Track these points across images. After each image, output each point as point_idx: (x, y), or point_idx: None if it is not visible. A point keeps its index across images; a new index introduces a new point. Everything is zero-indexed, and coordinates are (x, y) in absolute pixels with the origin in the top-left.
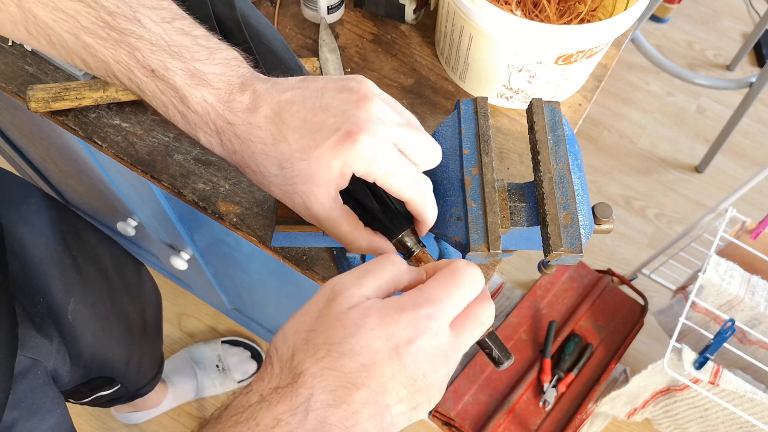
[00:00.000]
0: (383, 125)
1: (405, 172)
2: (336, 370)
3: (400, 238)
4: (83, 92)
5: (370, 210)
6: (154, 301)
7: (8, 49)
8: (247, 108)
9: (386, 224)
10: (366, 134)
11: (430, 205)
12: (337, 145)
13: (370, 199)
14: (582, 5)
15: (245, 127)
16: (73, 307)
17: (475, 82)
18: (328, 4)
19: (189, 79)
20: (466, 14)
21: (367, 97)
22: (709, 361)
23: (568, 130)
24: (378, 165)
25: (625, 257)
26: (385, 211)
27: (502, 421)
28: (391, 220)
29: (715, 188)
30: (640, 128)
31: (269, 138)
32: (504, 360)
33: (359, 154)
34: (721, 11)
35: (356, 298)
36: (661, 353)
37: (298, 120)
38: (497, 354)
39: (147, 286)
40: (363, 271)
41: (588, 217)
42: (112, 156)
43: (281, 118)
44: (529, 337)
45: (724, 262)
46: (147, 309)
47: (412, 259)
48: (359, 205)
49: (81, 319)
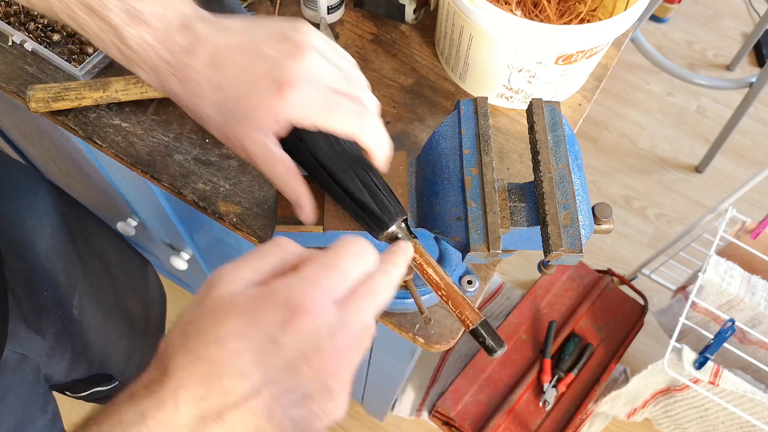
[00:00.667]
0: (316, 77)
1: (341, 110)
2: (207, 360)
3: (391, 231)
4: (83, 92)
5: (360, 201)
6: (159, 300)
7: (8, 49)
8: (185, 50)
9: (376, 215)
10: (295, 88)
11: (377, 137)
12: (270, 97)
13: (360, 190)
14: (582, 5)
15: (183, 69)
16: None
17: (475, 82)
18: (328, 4)
19: (127, 18)
20: (466, 14)
21: (303, 49)
22: (709, 361)
23: (568, 130)
24: (311, 113)
25: (625, 257)
26: (377, 203)
27: (502, 421)
28: (382, 211)
29: (715, 188)
30: (640, 128)
31: (206, 82)
32: (497, 348)
33: (290, 105)
34: (721, 11)
35: (233, 283)
36: (661, 353)
37: (234, 68)
38: (490, 342)
39: (152, 283)
40: (246, 256)
41: (588, 217)
42: (112, 156)
43: (218, 65)
44: (529, 337)
45: (724, 262)
46: (150, 307)
47: None
48: (348, 196)
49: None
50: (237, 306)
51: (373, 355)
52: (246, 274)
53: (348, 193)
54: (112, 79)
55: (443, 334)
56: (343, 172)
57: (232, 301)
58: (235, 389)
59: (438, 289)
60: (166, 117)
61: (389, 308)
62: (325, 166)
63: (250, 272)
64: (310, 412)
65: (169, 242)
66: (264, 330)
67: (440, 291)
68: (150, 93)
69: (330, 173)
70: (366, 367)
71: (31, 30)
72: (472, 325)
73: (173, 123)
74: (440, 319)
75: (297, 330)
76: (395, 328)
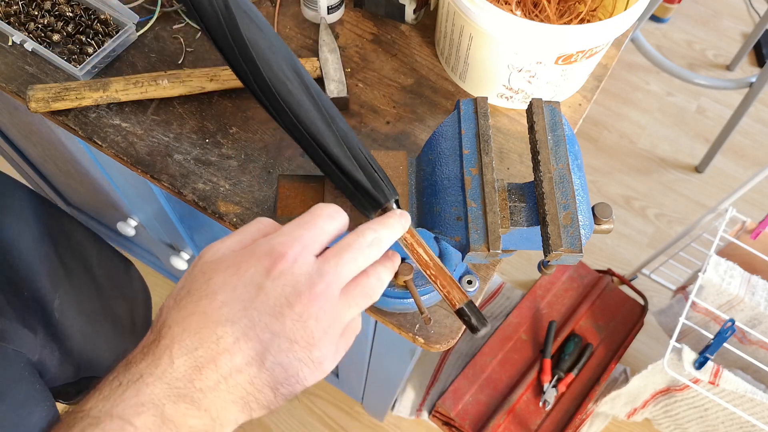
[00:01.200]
0: None
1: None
2: (198, 313)
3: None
4: (83, 92)
5: (356, 181)
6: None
7: (8, 49)
8: None
9: (371, 194)
10: None
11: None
12: None
13: (357, 170)
14: (582, 5)
15: None
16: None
17: (475, 82)
18: (328, 4)
19: None
20: (466, 14)
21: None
22: (709, 361)
23: (568, 130)
24: None
25: (625, 257)
26: (371, 183)
27: (502, 421)
28: (376, 190)
29: (715, 188)
30: (640, 128)
31: None
32: (480, 327)
33: None
34: (721, 11)
35: (220, 251)
36: (661, 353)
37: None
38: (475, 322)
39: (136, 284)
40: (230, 233)
41: (588, 217)
42: (112, 156)
43: None
44: (529, 337)
45: (724, 262)
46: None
47: None
48: (344, 174)
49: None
50: (224, 263)
51: (373, 355)
52: (231, 244)
53: (343, 172)
54: (112, 79)
55: (443, 334)
56: (339, 151)
57: (220, 260)
58: (226, 335)
59: (427, 268)
60: (166, 117)
61: (389, 308)
62: (322, 144)
63: (235, 242)
64: (296, 358)
65: (169, 242)
66: (249, 279)
67: (429, 270)
68: (150, 93)
69: (326, 152)
70: (366, 367)
71: (31, 30)
72: (459, 304)
73: (173, 123)
74: (440, 319)
75: (279, 276)
76: (395, 328)
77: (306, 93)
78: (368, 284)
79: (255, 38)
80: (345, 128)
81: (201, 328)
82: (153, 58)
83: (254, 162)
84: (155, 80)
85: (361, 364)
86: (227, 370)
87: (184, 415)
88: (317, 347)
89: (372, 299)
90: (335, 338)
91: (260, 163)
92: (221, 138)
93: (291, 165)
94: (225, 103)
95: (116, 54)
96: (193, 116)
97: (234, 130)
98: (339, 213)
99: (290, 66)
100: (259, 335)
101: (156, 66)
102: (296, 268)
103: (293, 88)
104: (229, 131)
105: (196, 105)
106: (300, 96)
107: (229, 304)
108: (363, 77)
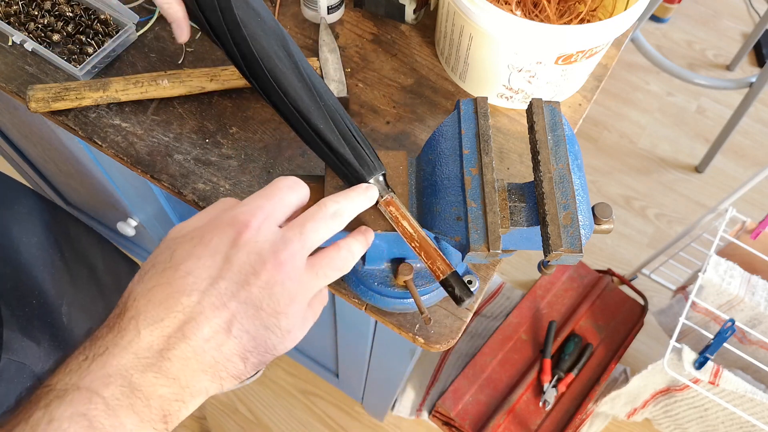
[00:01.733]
0: None
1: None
2: (163, 284)
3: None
4: (83, 92)
5: (341, 155)
6: None
7: (8, 49)
8: None
9: (355, 168)
10: None
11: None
12: None
13: (342, 145)
14: (582, 5)
15: None
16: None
17: (475, 82)
18: (328, 4)
19: None
20: (466, 14)
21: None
22: (709, 361)
23: (568, 130)
24: None
25: (625, 257)
26: (357, 157)
27: (502, 421)
28: (361, 165)
29: (715, 188)
30: (640, 128)
31: None
32: (465, 298)
33: None
34: (721, 11)
35: (184, 229)
36: (661, 353)
37: None
38: (459, 292)
39: None
40: None
41: (588, 217)
42: (112, 156)
43: None
44: (529, 337)
45: (724, 262)
46: None
47: (382, 204)
48: (330, 150)
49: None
50: (189, 235)
51: (373, 355)
52: (194, 221)
53: (328, 146)
54: (112, 79)
55: (443, 334)
56: (324, 125)
57: (184, 235)
58: (192, 304)
59: (411, 240)
60: (166, 117)
61: (389, 308)
62: (307, 118)
63: (198, 219)
64: (263, 326)
65: None
66: (214, 248)
67: (413, 243)
68: (150, 93)
69: (311, 126)
70: (366, 367)
71: (31, 30)
72: (443, 275)
73: (173, 123)
74: (440, 319)
75: (244, 244)
76: (395, 328)
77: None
78: (338, 256)
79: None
80: (333, 104)
81: (166, 298)
82: (153, 58)
83: (254, 162)
84: (155, 80)
85: (361, 364)
86: (194, 339)
87: (153, 384)
88: (284, 315)
89: (342, 271)
90: (302, 307)
91: (260, 163)
92: (221, 138)
93: (291, 165)
94: (225, 103)
95: (116, 54)
96: (193, 116)
97: (234, 130)
98: (299, 184)
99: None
100: (225, 303)
101: (156, 66)
102: (260, 236)
103: (281, 64)
104: (229, 131)
105: (196, 105)
106: (288, 71)
107: (193, 273)
108: (363, 77)
